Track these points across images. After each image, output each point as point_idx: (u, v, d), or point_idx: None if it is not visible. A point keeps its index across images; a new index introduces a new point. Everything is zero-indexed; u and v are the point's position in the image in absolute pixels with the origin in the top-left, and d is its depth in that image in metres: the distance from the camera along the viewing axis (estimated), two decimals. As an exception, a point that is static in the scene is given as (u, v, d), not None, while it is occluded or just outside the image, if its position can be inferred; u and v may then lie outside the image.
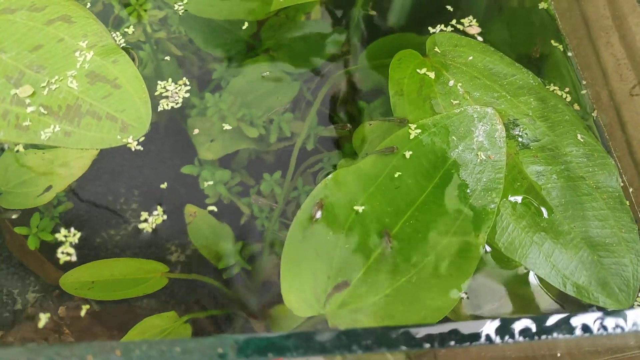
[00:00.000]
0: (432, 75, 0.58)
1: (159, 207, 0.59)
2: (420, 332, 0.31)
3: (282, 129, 0.63)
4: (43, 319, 0.54)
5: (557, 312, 0.35)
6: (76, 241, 0.57)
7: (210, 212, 0.59)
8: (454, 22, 0.67)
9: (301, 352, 0.31)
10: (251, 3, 0.71)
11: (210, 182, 0.60)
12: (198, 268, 0.58)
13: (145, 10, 0.71)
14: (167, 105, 0.63)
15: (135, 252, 0.58)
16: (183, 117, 0.63)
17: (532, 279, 0.53)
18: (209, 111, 0.63)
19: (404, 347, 0.31)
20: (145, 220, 0.58)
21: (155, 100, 0.64)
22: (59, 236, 0.57)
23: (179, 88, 0.64)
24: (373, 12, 0.72)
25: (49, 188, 0.59)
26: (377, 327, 0.31)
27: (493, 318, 0.32)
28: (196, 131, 0.62)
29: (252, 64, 0.67)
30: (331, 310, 0.48)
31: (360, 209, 0.50)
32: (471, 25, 0.65)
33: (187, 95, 0.64)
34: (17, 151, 0.59)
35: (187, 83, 0.65)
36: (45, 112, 0.57)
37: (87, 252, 0.58)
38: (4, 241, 0.60)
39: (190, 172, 0.60)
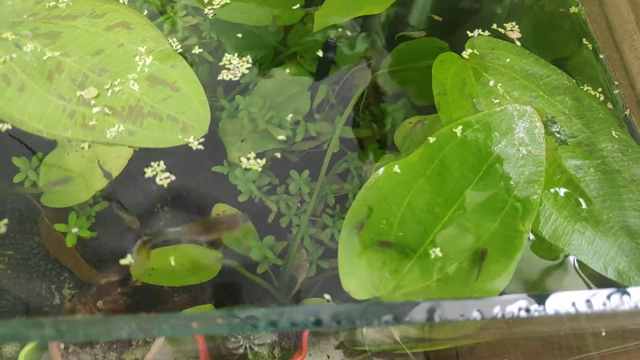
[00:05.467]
0: (472, 76, 0.61)
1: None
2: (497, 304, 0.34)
3: (308, 130, 0.65)
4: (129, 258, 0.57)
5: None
6: (164, 167, 0.61)
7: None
8: (494, 26, 0.70)
9: (384, 322, 0.34)
10: (279, 10, 0.74)
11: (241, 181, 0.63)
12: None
13: (180, 17, 0.74)
14: (227, 76, 0.67)
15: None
16: (214, 120, 0.66)
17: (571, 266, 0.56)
18: (240, 113, 0.65)
19: (477, 315, 0.34)
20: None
21: (217, 69, 0.67)
22: (148, 172, 0.61)
23: (241, 63, 0.68)
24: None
25: (108, 174, 0.61)
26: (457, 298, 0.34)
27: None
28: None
29: (279, 68, 0.69)
30: (386, 293, 0.51)
31: (411, 199, 0.53)
32: (513, 30, 0.68)
33: (247, 72, 0.67)
34: (79, 146, 0.62)
35: (250, 60, 0.68)
36: (110, 113, 0.59)
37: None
38: (41, 239, 0.63)
39: (221, 171, 0.63)
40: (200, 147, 0.60)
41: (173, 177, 0.61)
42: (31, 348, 0.68)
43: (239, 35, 0.72)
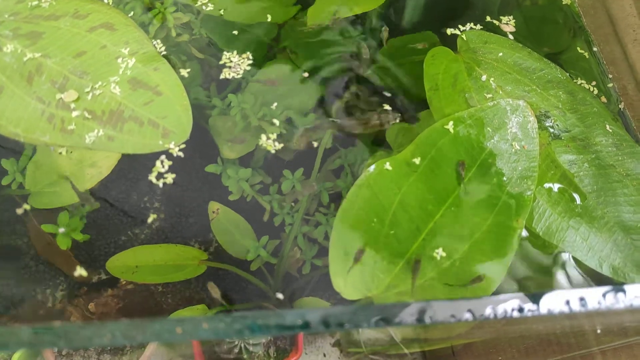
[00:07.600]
0: (464, 70, 0.60)
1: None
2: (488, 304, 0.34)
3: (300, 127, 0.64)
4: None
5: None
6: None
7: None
8: (488, 18, 0.69)
9: (373, 324, 0.33)
10: (272, 7, 0.73)
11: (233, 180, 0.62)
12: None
13: (170, 13, 0.72)
14: (229, 74, 0.65)
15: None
16: (204, 117, 0.64)
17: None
18: (232, 110, 0.64)
19: (469, 316, 0.33)
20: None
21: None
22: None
23: (242, 60, 0.67)
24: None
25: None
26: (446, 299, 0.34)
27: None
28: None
29: (272, 65, 0.68)
30: (378, 293, 0.50)
31: (402, 196, 0.52)
32: (507, 24, 0.68)
33: (249, 68, 0.66)
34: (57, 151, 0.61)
35: (250, 57, 0.67)
36: (90, 117, 0.57)
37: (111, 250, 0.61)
38: (29, 240, 0.62)
39: (214, 170, 0.62)
40: (181, 154, 0.59)
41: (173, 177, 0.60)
42: (24, 350, 0.67)
43: (231, 32, 0.71)
